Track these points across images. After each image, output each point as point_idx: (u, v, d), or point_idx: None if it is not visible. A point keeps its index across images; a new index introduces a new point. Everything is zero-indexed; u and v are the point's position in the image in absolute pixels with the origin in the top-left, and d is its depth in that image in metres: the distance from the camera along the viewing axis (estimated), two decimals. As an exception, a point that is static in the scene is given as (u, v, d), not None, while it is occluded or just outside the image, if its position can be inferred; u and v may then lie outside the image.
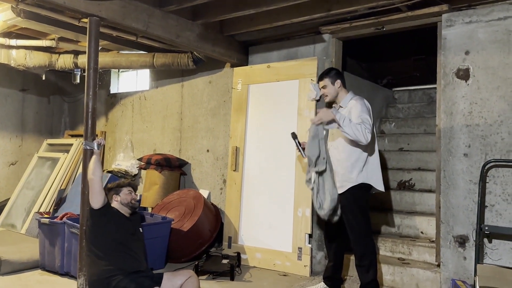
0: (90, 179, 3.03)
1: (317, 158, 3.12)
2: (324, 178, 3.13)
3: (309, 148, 3.18)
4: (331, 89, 3.37)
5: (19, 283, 3.56)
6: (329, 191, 3.09)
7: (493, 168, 3.35)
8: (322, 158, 3.13)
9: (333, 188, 3.12)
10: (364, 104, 3.23)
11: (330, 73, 3.40)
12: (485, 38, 3.42)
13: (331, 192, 3.09)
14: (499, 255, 3.28)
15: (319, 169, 3.12)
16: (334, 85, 3.36)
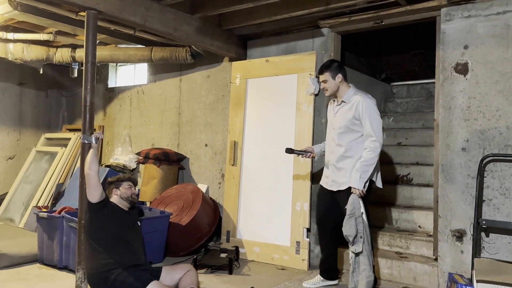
0: (87, 174, 3.03)
1: (354, 237, 3.03)
2: (360, 259, 3.05)
3: (346, 226, 3.06)
4: (331, 84, 3.27)
5: (18, 277, 3.57)
6: (365, 273, 3.02)
7: (491, 162, 3.36)
8: (360, 237, 3.02)
9: (369, 270, 3.03)
10: (373, 105, 3.16)
11: (331, 67, 3.27)
12: (484, 33, 3.41)
13: (367, 275, 3.02)
14: (497, 249, 3.30)
15: (356, 250, 3.03)
16: (335, 80, 3.25)
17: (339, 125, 3.22)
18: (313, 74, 4.20)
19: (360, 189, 3.04)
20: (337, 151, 3.23)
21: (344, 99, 3.24)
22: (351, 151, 3.18)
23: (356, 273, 3.02)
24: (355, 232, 3.00)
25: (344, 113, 3.22)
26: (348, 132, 3.18)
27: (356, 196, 3.04)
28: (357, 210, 3.02)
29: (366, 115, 3.09)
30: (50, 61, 5.46)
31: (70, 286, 3.30)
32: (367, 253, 3.01)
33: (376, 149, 3.05)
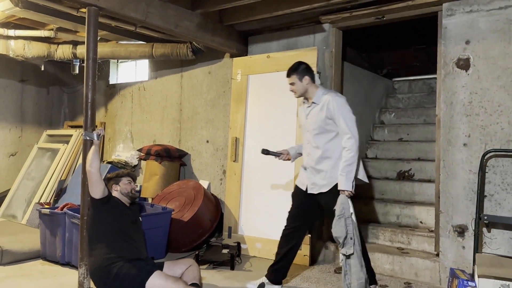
0: (88, 171, 3.04)
1: (344, 238, 2.97)
2: (351, 261, 2.97)
3: (335, 228, 3.00)
4: (299, 86, 3.23)
5: (21, 273, 3.58)
6: (356, 276, 2.94)
7: (492, 158, 3.35)
8: (350, 238, 2.97)
9: (360, 271, 2.95)
10: (344, 102, 3.12)
11: (298, 69, 3.24)
12: (486, 28, 3.40)
13: (358, 277, 2.94)
14: (498, 245, 3.30)
15: (347, 252, 2.97)
16: (302, 82, 3.21)
17: (313, 127, 3.16)
18: (314, 70, 4.18)
19: (349, 190, 3.00)
20: (315, 153, 3.17)
21: (314, 100, 3.20)
22: (328, 151, 3.12)
23: (348, 276, 2.97)
24: (345, 233, 2.95)
25: (316, 114, 3.17)
26: (323, 132, 3.13)
27: (345, 196, 3.00)
28: (347, 210, 2.97)
29: (339, 113, 3.06)
30: (51, 57, 5.46)
31: (73, 282, 3.31)
32: (357, 254, 2.96)
33: (353, 146, 3.01)
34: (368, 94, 5.70)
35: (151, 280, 2.71)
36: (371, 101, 5.80)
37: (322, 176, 3.13)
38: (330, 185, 3.09)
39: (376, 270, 3.79)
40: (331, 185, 3.09)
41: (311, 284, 3.44)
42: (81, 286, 3.21)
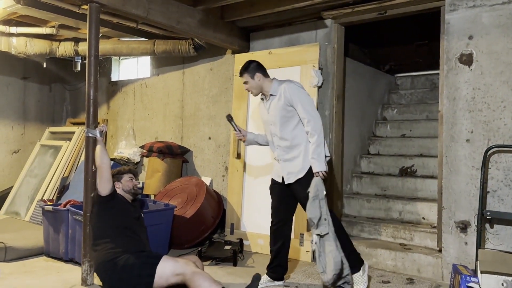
0: (99, 167, 3.06)
1: (318, 219, 2.97)
2: (325, 241, 2.97)
3: (310, 209, 2.99)
4: (252, 84, 3.26)
5: (24, 269, 3.60)
6: (332, 254, 2.93)
7: (495, 153, 3.34)
8: (324, 219, 2.97)
9: (336, 251, 2.94)
10: (298, 87, 3.16)
11: (248, 68, 3.25)
12: (489, 23, 3.38)
13: (334, 255, 2.93)
14: (501, 240, 3.30)
15: (322, 232, 2.96)
16: (255, 79, 3.24)
17: (277, 118, 3.17)
18: (316, 66, 4.18)
19: (323, 170, 3.03)
20: (283, 143, 3.18)
21: (272, 92, 3.22)
22: (296, 139, 3.14)
23: (323, 257, 2.96)
24: (319, 214, 2.97)
25: (275, 105, 3.18)
26: (287, 121, 3.14)
27: (319, 178, 3.01)
28: (321, 192, 3.00)
29: (296, 99, 3.09)
30: (53, 55, 5.46)
31: (76, 278, 3.33)
32: (332, 234, 2.96)
33: (315, 129, 3.03)
34: (371, 90, 5.68)
35: (162, 263, 2.73)
36: (374, 97, 5.79)
37: (295, 164, 3.15)
38: (305, 169, 3.11)
39: (379, 266, 3.80)
40: (305, 169, 3.11)
41: (314, 280, 3.45)
42: (85, 282, 3.22)
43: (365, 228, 4.27)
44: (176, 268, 2.70)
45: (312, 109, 3.11)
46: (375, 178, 4.85)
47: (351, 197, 4.70)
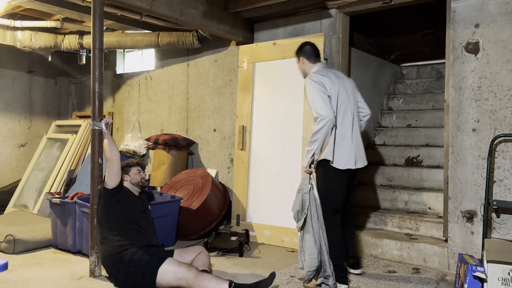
0: (110, 159, 3.08)
1: (297, 212, 2.92)
2: (305, 236, 2.90)
3: (294, 202, 2.96)
4: (298, 66, 3.29)
5: (33, 261, 3.65)
6: (308, 250, 2.85)
7: (502, 143, 3.32)
8: (303, 213, 2.88)
9: (313, 247, 2.84)
10: (311, 84, 2.98)
11: (297, 50, 3.26)
12: (496, 10, 3.34)
13: (310, 252, 2.84)
14: (507, 230, 3.29)
15: (297, 226, 2.91)
16: (299, 62, 3.25)
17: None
18: (321, 57, 4.15)
19: (304, 166, 2.95)
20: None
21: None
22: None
23: (302, 252, 2.92)
24: (298, 207, 2.90)
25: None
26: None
27: (306, 173, 2.97)
28: (305, 186, 2.93)
29: (308, 97, 3.00)
30: (58, 48, 5.47)
31: (84, 270, 3.36)
32: (313, 231, 2.87)
33: (317, 127, 2.87)
34: (376, 80, 5.65)
35: (164, 266, 2.74)
36: (379, 87, 5.75)
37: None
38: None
39: (385, 256, 3.81)
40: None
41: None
42: (92, 273, 3.26)
43: (371, 218, 4.27)
44: (178, 274, 2.69)
45: (319, 107, 2.90)
46: (381, 169, 4.84)
47: (357, 188, 4.70)
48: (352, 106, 3.10)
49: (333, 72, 3.19)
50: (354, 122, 3.11)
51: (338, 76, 3.17)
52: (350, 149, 3.05)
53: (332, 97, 2.98)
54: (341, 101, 3.04)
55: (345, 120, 3.05)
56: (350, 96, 3.12)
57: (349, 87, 3.16)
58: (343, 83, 3.11)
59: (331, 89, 2.98)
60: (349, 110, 3.08)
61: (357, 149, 3.11)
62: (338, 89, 3.03)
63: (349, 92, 3.12)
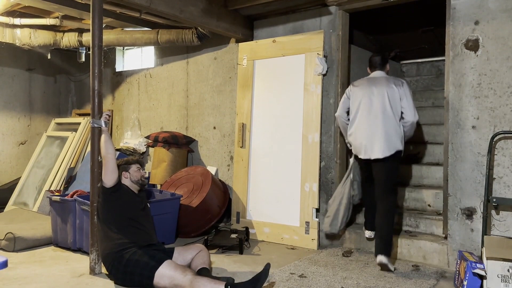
0: (104, 157, 3.07)
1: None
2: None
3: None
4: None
5: (33, 259, 3.65)
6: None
7: (501, 140, 3.32)
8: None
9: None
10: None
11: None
12: (495, 7, 3.34)
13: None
14: (507, 227, 3.29)
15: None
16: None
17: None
18: (321, 54, 4.15)
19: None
20: None
21: None
22: None
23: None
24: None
25: None
26: None
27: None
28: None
29: None
30: (57, 46, 5.46)
31: (84, 267, 3.37)
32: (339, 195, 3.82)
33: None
34: (376, 77, 5.63)
35: (161, 269, 2.74)
36: (379, 85, 5.74)
37: None
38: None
39: (384, 253, 3.81)
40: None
41: (319, 267, 3.47)
42: (93, 271, 3.27)
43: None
44: (174, 280, 2.69)
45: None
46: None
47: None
48: (375, 106, 3.50)
49: (368, 80, 3.67)
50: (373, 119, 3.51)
51: (372, 83, 3.60)
52: (361, 142, 3.57)
53: (351, 99, 3.67)
54: (359, 103, 3.58)
55: (360, 118, 3.58)
56: (376, 99, 3.51)
57: (380, 92, 3.51)
58: (371, 89, 3.56)
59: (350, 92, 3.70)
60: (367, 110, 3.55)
61: (373, 143, 3.49)
62: (362, 94, 3.58)
63: (375, 95, 3.53)
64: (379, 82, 3.58)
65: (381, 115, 3.46)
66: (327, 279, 3.17)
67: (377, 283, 3.12)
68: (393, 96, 3.47)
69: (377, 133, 3.46)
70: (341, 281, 3.14)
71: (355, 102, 3.60)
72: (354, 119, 3.60)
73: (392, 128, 3.46)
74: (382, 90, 3.50)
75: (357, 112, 3.58)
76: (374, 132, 3.48)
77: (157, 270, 2.74)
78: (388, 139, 3.44)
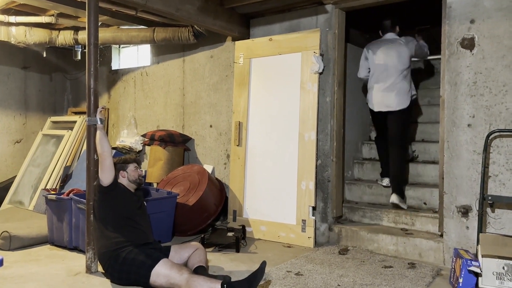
0: (100, 155, 3.06)
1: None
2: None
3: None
4: None
5: (29, 258, 3.64)
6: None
7: (497, 138, 3.34)
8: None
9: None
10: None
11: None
12: (491, 6, 3.35)
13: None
14: (502, 224, 3.31)
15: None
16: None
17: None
18: (317, 52, 4.16)
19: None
20: None
21: None
22: None
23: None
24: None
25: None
26: None
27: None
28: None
29: None
30: (52, 44, 5.44)
31: (80, 266, 3.36)
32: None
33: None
34: (372, 76, 5.64)
35: (157, 268, 2.74)
36: (375, 83, 5.75)
37: None
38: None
39: (381, 251, 3.84)
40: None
41: (316, 265, 3.48)
42: (89, 269, 3.26)
43: (367, 214, 4.29)
44: (170, 279, 2.69)
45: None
46: (377, 164, 4.85)
47: (353, 183, 4.72)
48: (390, 66, 4.18)
49: (382, 42, 4.36)
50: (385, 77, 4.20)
51: (386, 44, 4.29)
52: (375, 97, 4.26)
53: (369, 60, 4.36)
54: (376, 63, 4.27)
55: (376, 76, 4.27)
56: (390, 59, 4.19)
57: (393, 53, 4.20)
58: (385, 51, 4.24)
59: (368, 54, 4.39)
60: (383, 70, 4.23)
61: (389, 98, 4.16)
62: (378, 55, 4.26)
63: (389, 56, 4.20)
64: (392, 43, 4.25)
65: (395, 74, 4.13)
66: (323, 277, 3.18)
67: (373, 280, 3.13)
68: (405, 54, 4.16)
69: (391, 90, 4.14)
70: (337, 279, 3.14)
71: (373, 63, 4.28)
72: (372, 77, 4.30)
73: (403, 86, 4.14)
74: (394, 51, 4.17)
75: (374, 72, 4.27)
76: (389, 88, 4.15)
77: (153, 269, 2.74)
78: (401, 95, 4.12)
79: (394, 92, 4.14)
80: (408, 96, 4.16)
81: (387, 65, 4.18)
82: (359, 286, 3.02)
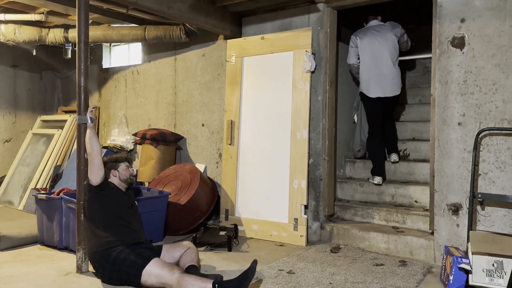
0: (89, 153, 3.03)
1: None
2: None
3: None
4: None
5: (19, 258, 3.60)
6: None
7: (487, 136, 3.37)
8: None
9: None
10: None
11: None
12: (481, 5, 3.38)
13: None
14: (492, 222, 3.34)
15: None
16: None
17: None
18: (309, 51, 4.16)
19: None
20: None
21: None
22: None
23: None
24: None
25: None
26: None
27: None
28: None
29: None
30: (42, 42, 5.38)
31: (71, 266, 3.33)
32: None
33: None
34: (363, 74, 5.66)
35: (148, 267, 2.72)
36: (367, 82, 5.76)
37: None
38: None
39: (372, 249, 3.85)
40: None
41: (308, 263, 3.48)
42: (79, 269, 3.23)
43: (358, 212, 4.31)
44: (161, 278, 2.68)
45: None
46: (368, 163, 4.87)
47: (344, 182, 4.73)
48: (380, 53, 4.32)
49: (369, 29, 4.49)
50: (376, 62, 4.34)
51: (374, 31, 4.42)
52: (369, 83, 4.37)
53: (359, 48, 4.44)
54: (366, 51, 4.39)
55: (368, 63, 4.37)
56: (380, 45, 4.33)
57: (381, 41, 4.34)
58: (374, 38, 4.37)
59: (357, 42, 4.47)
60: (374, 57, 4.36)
61: (380, 83, 4.32)
62: (367, 42, 4.38)
63: (378, 42, 4.34)
64: (379, 29, 4.41)
65: (384, 58, 4.29)
66: (315, 275, 3.19)
67: (364, 278, 3.14)
68: (391, 38, 4.34)
69: (385, 75, 4.31)
70: (329, 277, 3.15)
71: (363, 51, 4.38)
72: (364, 64, 4.39)
73: (395, 72, 4.33)
74: (382, 38, 4.33)
75: (364, 59, 4.38)
76: (382, 74, 4.31)
77: (144, 268, 2.73)
78: (395, 83, 4.33)
79: (388, 78, 4.31)
80: (400, 82, 4.39)
81: (376, 50, 4.33)
82: (351, 284, 3.03)
